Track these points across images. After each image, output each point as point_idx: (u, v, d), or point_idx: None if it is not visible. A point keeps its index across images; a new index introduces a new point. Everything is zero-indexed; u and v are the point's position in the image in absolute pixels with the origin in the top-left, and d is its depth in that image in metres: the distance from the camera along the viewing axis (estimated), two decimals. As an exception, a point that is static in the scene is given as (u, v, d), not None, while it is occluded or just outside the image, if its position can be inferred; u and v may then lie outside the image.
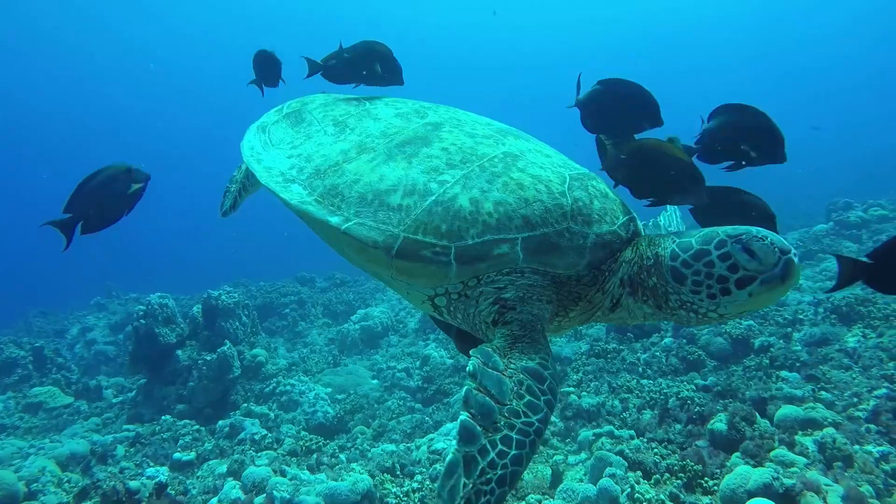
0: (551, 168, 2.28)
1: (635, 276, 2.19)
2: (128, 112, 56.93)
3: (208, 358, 9.35)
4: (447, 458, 1.79)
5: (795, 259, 1.90)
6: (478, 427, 1.82)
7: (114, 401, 10.55)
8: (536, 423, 1.88)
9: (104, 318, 17.13)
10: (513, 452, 1.81)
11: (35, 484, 5.84)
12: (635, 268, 2.19)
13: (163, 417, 8.04)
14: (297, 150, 2.54)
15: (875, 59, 56.47)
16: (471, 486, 1.74)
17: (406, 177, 2.21)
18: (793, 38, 55.72)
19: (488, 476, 1.76)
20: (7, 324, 19.53)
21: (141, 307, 9.88)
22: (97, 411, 10.09)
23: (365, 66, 4.43)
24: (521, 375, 1.95)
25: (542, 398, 1.93)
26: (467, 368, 1.95)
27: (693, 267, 2.00)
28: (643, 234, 2.35)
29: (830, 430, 4.61)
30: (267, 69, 4.85)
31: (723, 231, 1.99)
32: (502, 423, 1.85)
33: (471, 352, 2.04)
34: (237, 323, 10.60)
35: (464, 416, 1.83)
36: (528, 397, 1.91)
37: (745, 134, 3.06)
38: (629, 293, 2.22)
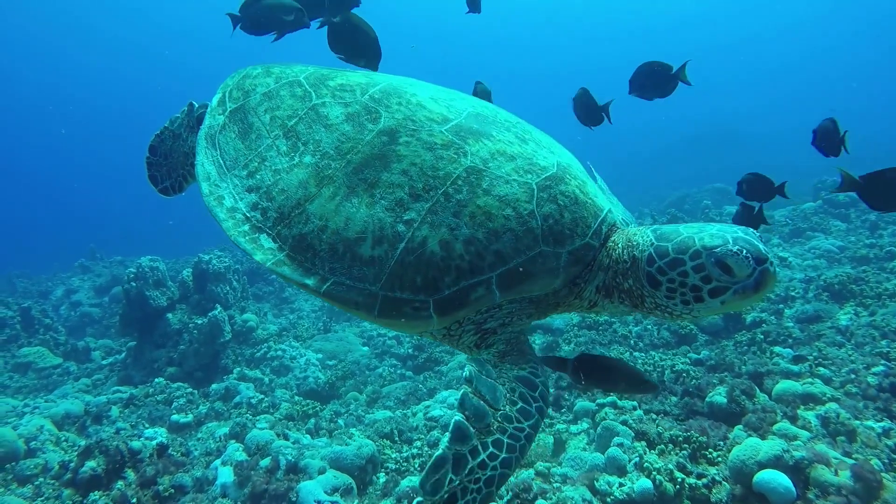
0: (517, 179, 2.18)
1: (610, 280, 2.20)
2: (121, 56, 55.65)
3: (199, 322, 9.29)
4: (436, 454, 1.86)
5: (771, 269, 1.90)
6: (471, 429, 1.90)
7: (103, 363, 10.49)
8: (527, 429, 1.97)
9: (89, 281, 16.92)
10: (503, 456, 1.89)
11: (34, 442, 5.80)
12: (610, 273, 2.20)
13: (155, 380, 7.99)
14: (254, 179, 2.40)
15: (861, 47, 56.89)
16: (458, 482, 1.82)
17: (371, 218, 2.14)
18: (779, 26, 56.01)
19: (477, 476, 1.84)
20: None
21: (131, 270, 9.75)
22: (87, 372, 10.03)
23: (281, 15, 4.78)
24: (514, 383, 2.04)
25: (533, 405, 2.02)
26: (463, 374, 2.03)
27: (668, 275, 2.02)
28: (618, 225, 2.31)
29: (833, 405, 4.70)
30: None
31: (699, 241, 1.98)
32: (495, 426, 1.94)
33: (466, 359, 2.16)
34: (227, 287, 10.51)
35: (458, 416, 1.90)
36: (520, 404, 2.00)
37: None
38: (604, 296, 2.24)
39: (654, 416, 5.21)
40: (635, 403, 5.43)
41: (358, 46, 4.60)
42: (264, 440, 5.12)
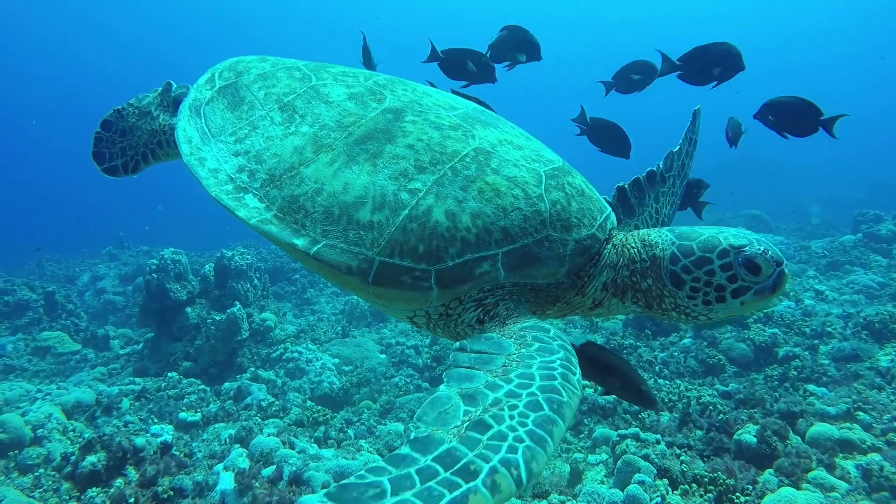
0: (525, 165, 2.11)
1: (626, 279, 2.13)
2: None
3: (217, 318, 9.22)
4: (430, 396, 1.49)
5: (787, 271, 1.96)
6: (478, 371, 1.58)
7: (120, 352, 10.51)
8: (557, 361, 1.61)
9: (115, 269, 17.12)
10: (539, 383, 1.50)
11: (41, 430, 5.74)
12: (623, 272, 2.13)
13: (168, 374, 7.92)
14: (243, 144, 2.24)
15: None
16: (477, 412, 1.40)
17: (373, 185, 2.00)
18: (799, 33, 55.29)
19: (511, 403, 1.43)
20: (20, 265, 19.60)
21: (154, 261, 9.75)
22: (104, 361, 10.05)
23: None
24: (522, 332, 1.78)
25: (554, 342, 1.71)
26: (454, 345, 1.78)
27: (693, 273, 1.99)
28: (619, 226, 2.25)
29: (875, 455, 4.38)
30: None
31: (726, 240, 1.97)
32: (513, 364, 1.60)
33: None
34: (248, 285, 10.45)
35: (459, 353, 1.67)
36: (536, 344, 1.70)
37: None
38: (613, 295, 2.17)
39: (678, 451, 4.94)
40: (658, 437, 5.15)
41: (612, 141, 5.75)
42: (269, 447, 4.97)
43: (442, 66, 5.71)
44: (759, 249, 1.92)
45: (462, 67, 5.61)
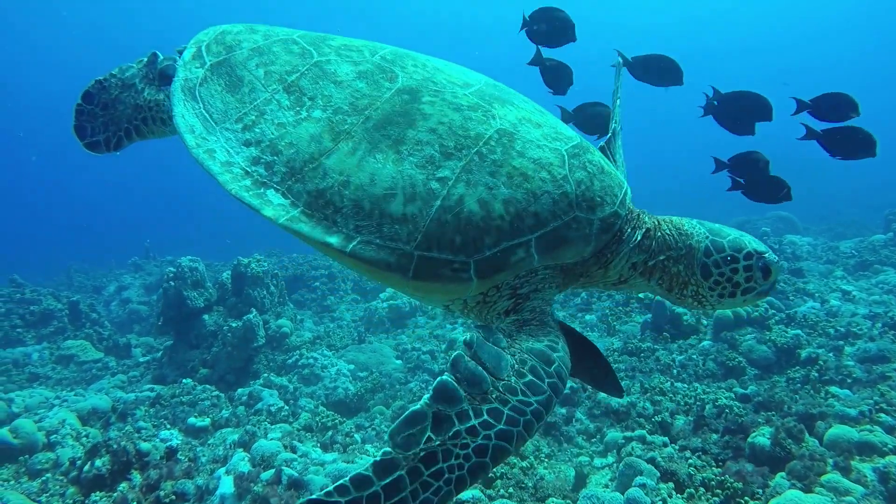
0: (548, 145, 2.12)
1: (660, 263, 2.24)
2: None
3: (233, 325, 9.28)
4: (411, 408, 1.63)
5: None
6: (460, 391, 1.65)
7: (141, 360, 10.65)
8: (535, 405, 1.71)
9: (140, 278, 17.42)
10: (500, 427, 1.64)
11: (55, 435, 5.82)
12: (660, 257, 2.23)
13: (183, 381, 7.98)
14: (253, 133, 2.11)
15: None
16: (438, 442, 1.59)
17: (401, 175, 1.95)
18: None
19: (465, 441, 1.61)
20: (50, 276, 20.08)
21: (171, 269, 9.87)
22: (124, 369, 10.19)
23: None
24: (526, 355, 1.83)
25: (546, 381, 1.77)
26: (462, 339, 1.81)
27: (721, 269, 2.17)
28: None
29: (894, 458, 4.17)
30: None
31: (749, 243, 2.19)
32: (494, 395, 1.69)
33: (473, 326, 2.00)
34: (265, 292, 10.51)
35: (447, 376, 1.69)
36: (529, 377, 1.77)
37: None
38: (641, 275, 2.26)
39: (689, 455, 4.78)
40: (666, 440, 5.00)
41: None
42: (270, 451, 4.94)
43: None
44: (774, 258, 2.18)
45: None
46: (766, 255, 2.16)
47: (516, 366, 1.78)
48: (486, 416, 1.64)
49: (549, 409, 1.75)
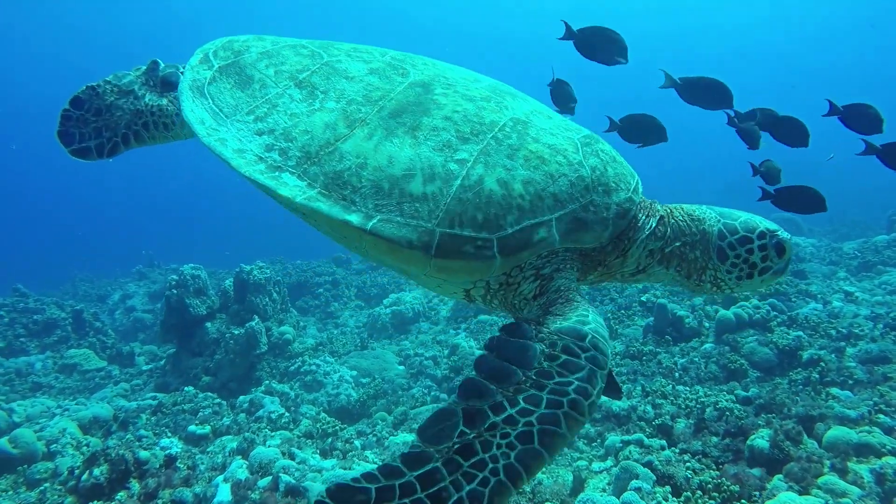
0: (560, 133, 2.17)
1: (677, 249, 2.25)
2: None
3: (236, 332, 9.30)
4: (439, 407, 1.57)
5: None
6: (489, 385, 1.60)
7: (144, 368, 10.68)
8: (576, 383, 1.63)
9: (144, 287, 17.48)
10: (541, 411, 1.54)
11: (55, 445, 5.84)
12: (676, 243, 2.25)
13: (185, 388, 8.00)
14: (265, 123, 2.14)
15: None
16: (472, 434, 1.50)
17: (418, 157, 1.98)
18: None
19: (505, 431, 1.50)
20: (55, 285, 20.17)
21: (174, 277, 9.90)
22: (127, 377, 10.22)
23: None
24: (555, 337, 1.77)
25: (582, 355, 1.70)
26: (485, 343, 1.76)
27: (736, 250, 2.20)
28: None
29: (892, 458, 4.14)
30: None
31: (761, 223, 2.23)
32: (529, 384, 1.61)
33: (500, 327, 1.91)
34: (267, 299, 10.53)
35: (471, 374, 1.64)
36: (563, 357, 1.70)
37: None
38: (659, 263, 2.28)
39: (689, 458, 4.75)
40: (664, 443, 4.98)
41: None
42: (268, 458, 4.95)
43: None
44: (787, 235, 2.22)
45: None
46: (779, 232, 2.20)
47: (547, 350, 1.73)
48: (522, 404, 1.55)
49: (595, 383, 1.65)
